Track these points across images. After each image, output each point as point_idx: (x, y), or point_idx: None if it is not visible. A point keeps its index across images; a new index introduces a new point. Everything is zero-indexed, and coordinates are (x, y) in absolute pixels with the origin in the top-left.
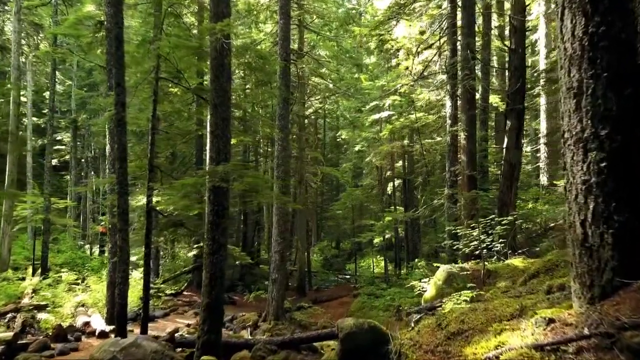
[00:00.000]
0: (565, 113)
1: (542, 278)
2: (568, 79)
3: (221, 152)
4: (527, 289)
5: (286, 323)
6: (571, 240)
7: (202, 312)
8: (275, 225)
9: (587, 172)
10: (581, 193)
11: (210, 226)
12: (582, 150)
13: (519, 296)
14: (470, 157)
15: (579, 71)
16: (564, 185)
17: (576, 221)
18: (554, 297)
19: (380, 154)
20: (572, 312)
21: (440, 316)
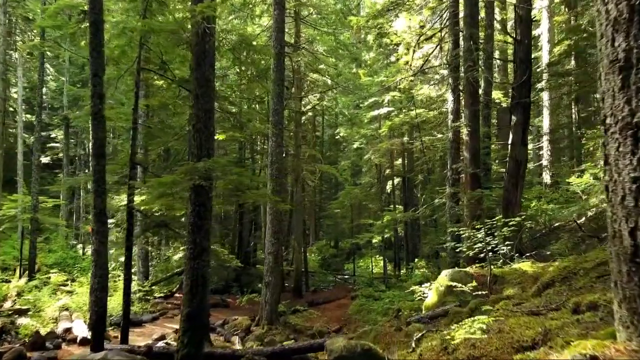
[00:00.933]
0: (607, 93)
1: (559, 288)
2: (611, 49)
3: (203, 147)
4: (544, 301)
5: (280, 328)
6: (615, 254)
7: (182, 322)
8: (269, 225)
9: (639, 167)
10: (630, 194)
11: (191, 228)
12: (631, 139)
13: (537, 313)
14: (474, 153)
15: (627, 39)
16: (604, 183)
17: (623, 230)
18: (584, 319)
19: (379, 151)
20: (621, 347)
21: (446, 338)
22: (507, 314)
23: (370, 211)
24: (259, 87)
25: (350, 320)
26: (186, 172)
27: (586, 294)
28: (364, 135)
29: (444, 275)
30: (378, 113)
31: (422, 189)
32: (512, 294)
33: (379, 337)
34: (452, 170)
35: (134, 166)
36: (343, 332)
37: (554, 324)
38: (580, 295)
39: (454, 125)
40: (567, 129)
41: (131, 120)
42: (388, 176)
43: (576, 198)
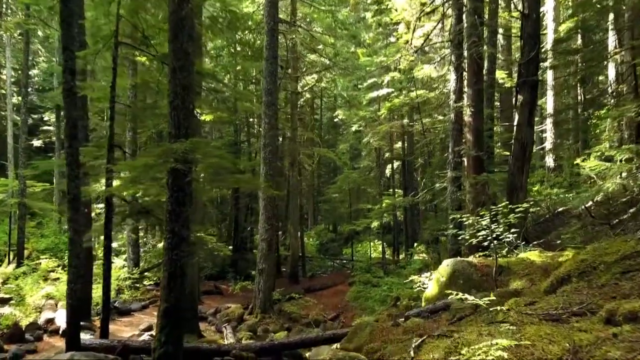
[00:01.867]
0: None
1: (576, 284)
2: None
3: (181, 126)
4: (562, 302)
5: (274, 316)
6: None
7: (159, 318)
8: (262, 211)
9: None
10: None
11: (169, 216)
12: None
13: (557, 319)
14: (477, 135)
15: None
16: None
17: None
18: (623, 334)
19: (378, 134)
20: None
21: (452, 346)
22: (522, 319)
23: (369, 196)
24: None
25: (347, 308)
26: (160, 154)
27: (621, 301)
28: (363, 117)
29: (445, 265)
30: (377, 94)
31: (422, 173)
32: (520, 288)
33: (374, 333)
34: (453, 153)
35: (112, 148)
36: (340, 321)
37: (584, 339)
38: (611, 300)
39: (456, 106)
40: (573, 110)
41: (111, 99)
42: (387, 160)
43: (580, 182)
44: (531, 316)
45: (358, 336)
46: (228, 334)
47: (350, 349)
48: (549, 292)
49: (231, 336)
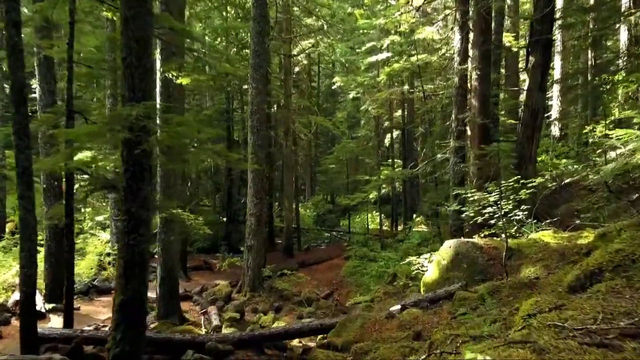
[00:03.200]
0: None
1: (613, 283)
2: None
3: (136, 88)
4: (601, 310)
5: (264, 295)
6: None
7: (114, 313)
8: (250, 184)
9: None
10: None
11: (124, 194)
12: None
13: (604, 344)
14: (483, 101)
15: None
16: None
17: None
18: None
19: (377, 101)
20: None
21: None
22: (550, 338)
23: (367, 166)
24: (245, 28)
25: (342, 284)
26: (108, 122)
27: None
28: (361, 83)
29: (447, 247)
30: (376, 59)
31: (423, 143)
32: (534, 276)
33: (365, 327)
34: (457, 121)
35: (71, 115)
36: (333, 299)
37: None
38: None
39: (461, 69)
40: (582, 76)
41: (68, 59)
42: (387, 129)
43: (588, 151)
44: (563, 333)
45: (347, 329)
46: (212, 316)
47: (337, 345)
48: (575, 289)
49: (216, 318)
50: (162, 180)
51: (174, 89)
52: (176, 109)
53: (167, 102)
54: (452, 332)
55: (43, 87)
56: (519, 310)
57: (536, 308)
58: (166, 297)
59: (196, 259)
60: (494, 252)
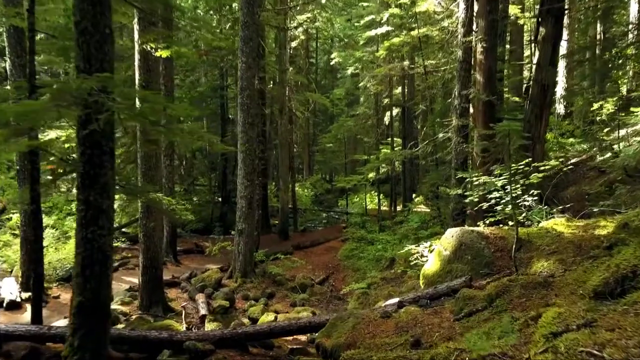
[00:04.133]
0: None
1: None
2: None
3: (93, 58)
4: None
5: (256, 280)
6: None
7: (71, 316)
8: (240, 165)
9: None
10: None
11: (81, 181)
12: None
13: None
14: (489, 76)
15: None
16: None
17: None
18: None
19: (376, 77)
20: None
21: None
22: None
23: (366, 146)
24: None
25: (338, 268)
26: (55, 97)
27: None
28: (359, 59)
29: (450, 236)
30: (375, 33)
31: (423, 121)
32: (548, 273)
33: (358, 329)
34: (460, 97)
35: (34, 90)
36: (329, 284)
37: None
38: None
39: (465, 41)
40: (590, 51)
41: (29, 27)
42: (386, 106)
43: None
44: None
45: (338, 330)
46: (200, 304)
47: (327, 347)
48: (602, 295)
49: (203, 307)
50: (142, 162)
51: (154, 62)
52: (156, 84)
53: (147, 77)
54: (456, 345)
55: (13, 61)
56: (538, 323)
57: (560, 323)
58: (149, 286)
59: (188, 242)
60: (501, 243)
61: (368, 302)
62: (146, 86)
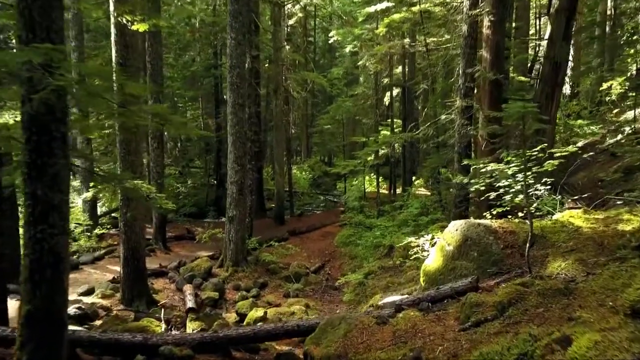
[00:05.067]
0: None
1: None
2: None
3: (37, 27)
4: None
5: (248, 269)
6: None
7: (19, 327)
8: (230, 148)
9: None
10: None
11: (27, 172)
12: None
13: None
14: (497, 53)
15: None
16: None
17: None
18: None
19: (375, 56)
20: None
21: None
22: None
23: (365, 127)
24: None
25: (335, 255)
26: None
27: None
28: (358, 36)
29: (454, 230)
30: (375, 9)
31: (424, 101)
32: (568, 276)
33: (350, 337)
34: (465, 76)
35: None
36: (324, 273)
37: None
38: None
39: (471, 14)
40: (600, 28)
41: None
42: (386, 86)
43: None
44: None
45: (329, 337)
46: (187, 296)
47: (316, 357)
48: None
49: (191, 299)
50: (121, 146)
51: (132, 37)
52: (136, 61)
53: (125, 52)
54: None
55: None
56: (567, 351)
57: (599, 357)
58: (131, 278)
59: (180, 227)
60: (511, 238)
61: (365, 293)
62: (124, 64)
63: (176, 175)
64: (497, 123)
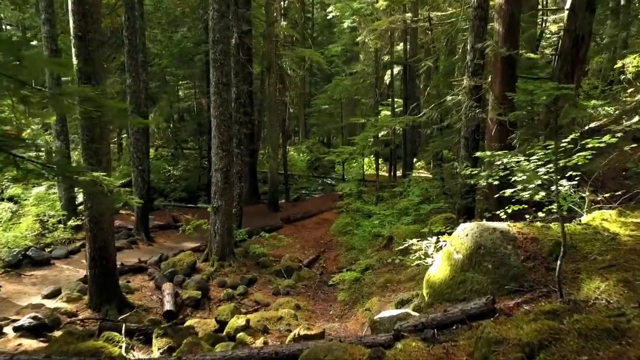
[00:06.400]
0: None
1: None
2: None
3: None
4: None
5: (235, 263)
6: None
7: None
8: (214, 132)
9: None
10: None
11: None
12: None
13: None
14: (511, 25)
15: None
16: None
17: None
18: None
19: (375, 31)
20: None
21: None
22: None
23: (364, 108)
24: None
25: (330, 245)
26: None
27: None
28: (357, 10)
29: (464, 235)
30: None
31: (426, 80)
32: (607, 298)
33: None
34: (474, 52)
35: None
36: (319, 265)
37: None
38: None
39: None
40: (614, 1)
41: None
42: (386, 64)
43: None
44: None
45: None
46: (166, 297)
47: None
48: None
49: (169, 300)
50: (83, 132)
51: (92, 6)
52: (98, 34)
53: (83, 24)
54: None
55: None
56: None
57: None
58: (99, 280)
59: (167, 215)
60: (533, 247)
61: (361, 292)
62: (83, 37)
63: (168, 157)
64: (509, 105)
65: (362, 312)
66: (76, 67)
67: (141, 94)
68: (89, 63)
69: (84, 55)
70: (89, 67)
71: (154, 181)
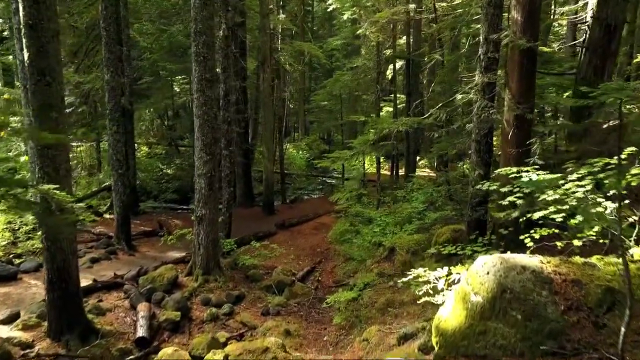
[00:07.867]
0: None
1: None
2: None
3: None
4: None
5: (221, 278)
6: None
7: None
8: (197, 134)
9: None
10: None
11: None
12: None
13: None
14: (530, 12)
15: None
16: None
17: None
18: None
19: (377, 24)
20: None
21: None
22: None
23: (365, 104)
24: None
25: (327, 254)
26: None
27: None
28: (358, 1)
29: (484, 272)
30: None
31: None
32: None
33: None
34: (487, 44)
35: None
36: (314, 279)
37: None
38: None
39: None
40: None
41: None
42: (389, 58)
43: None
44: None
45: None
46: (140, 320)
47: None
48: None
49: (143, 324)
50: None
51: None
52: (52, 23)
53: (35, 11)
54: None
55: None
56: None
57: None
58: (59, 305)
59: (154, 219)
60: (575, 294)
61: (359, 315)
62: (34, 26)
63: (162, 155)
64: (528, 105)
65: (360, 343)
66: (27, 60)
67: (124, 90)
68: (43, 56)
69: (36, 47)
70: (43, 60)
71: (145, 181)
